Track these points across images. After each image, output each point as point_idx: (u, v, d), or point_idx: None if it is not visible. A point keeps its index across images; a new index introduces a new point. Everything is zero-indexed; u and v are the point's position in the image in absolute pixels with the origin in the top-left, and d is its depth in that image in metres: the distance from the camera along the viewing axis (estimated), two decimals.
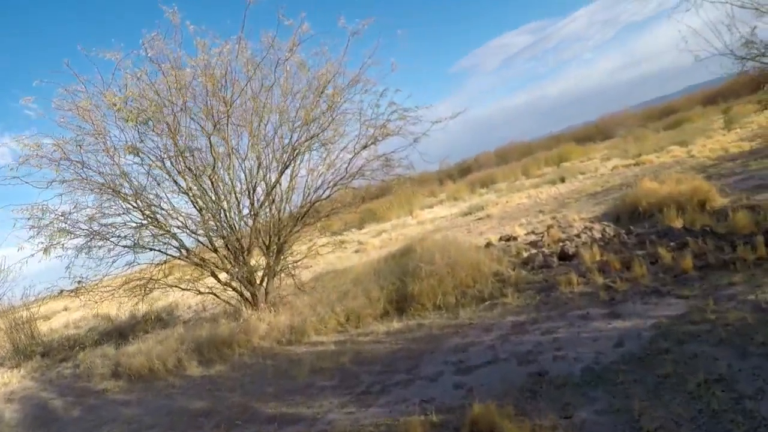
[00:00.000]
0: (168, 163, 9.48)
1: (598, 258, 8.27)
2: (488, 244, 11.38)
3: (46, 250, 9.08)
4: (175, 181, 9.66)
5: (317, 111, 9.98)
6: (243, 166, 10.07)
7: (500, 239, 11.94)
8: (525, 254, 9.87)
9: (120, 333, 12.83)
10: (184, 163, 9.40)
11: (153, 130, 9.08)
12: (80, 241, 9.44)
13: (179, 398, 7.72)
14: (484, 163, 37.05)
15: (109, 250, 9.64)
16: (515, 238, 11.66)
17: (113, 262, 9.70)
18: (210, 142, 9.42)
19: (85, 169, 9.17)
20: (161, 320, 13.45)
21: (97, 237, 9.42)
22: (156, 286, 10.11)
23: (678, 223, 8.97)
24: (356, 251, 17.31)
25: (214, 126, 9.32)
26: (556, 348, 5.53)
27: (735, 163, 14.09)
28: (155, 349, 9.47)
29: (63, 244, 9.27)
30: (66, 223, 9.24)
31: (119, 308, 11.96)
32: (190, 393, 7.80)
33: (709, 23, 10.35)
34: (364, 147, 10.43)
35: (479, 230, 14.65)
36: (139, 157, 9.19)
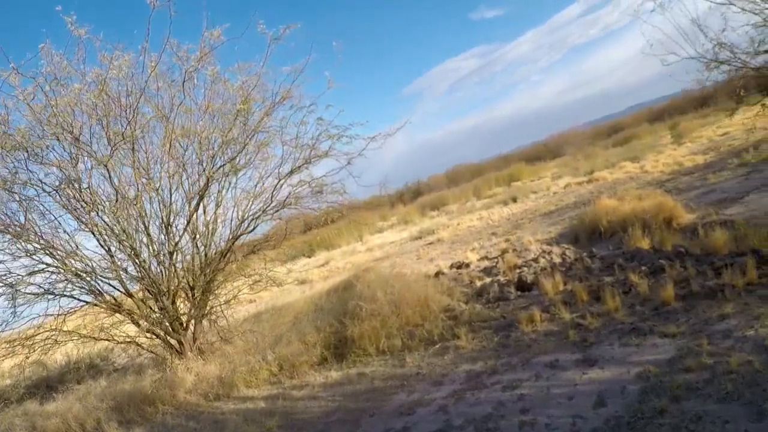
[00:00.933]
0: (59, 197, 8.10)
1: (561, 287, 7.27)
2: (438, 273, 10.29)
3: None
4: (78, 218, 8.28)
5: (235, 131, 8.73)
6: (154, 198, 8.70)
7: (451, 266, 10.89)
8: (479, 283, 8.83)
9: (48, 384, 11.24)
10: (80, 195, 8.02)
11: (31, 159, 7.68)
12: None
13: None
14: (435, 185, 36.20)
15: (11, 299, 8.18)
16: (467, 265, 10.62)
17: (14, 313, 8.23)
18: (108, 171, 8.07)
19: None
20: (94, 367, 11.91)
21: None
22: (64, 338, 8.60)
23: (645, 244, 8.10)
24: (301, 282, 16.13)
25: (111, 151, 7.93)
26: (521, 410, 4.41)
27: (692, 176, 13.45)
28: (74, 407, 8.11)
29: None
30: None
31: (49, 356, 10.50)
32: None
33: (677, 28, 9.68)
34: (291, 172, 9.22)
35: (429, 256, 13.61)
36: (11, 192, 7.78)
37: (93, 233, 8.44)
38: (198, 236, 9.05)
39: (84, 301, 8.78)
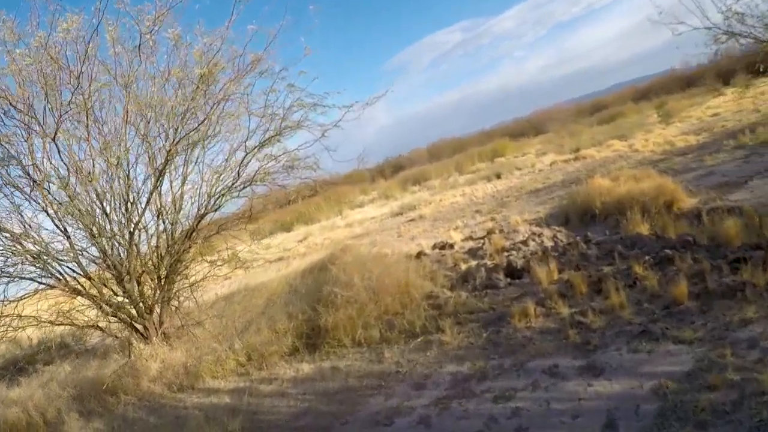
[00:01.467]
0: (5, 174, 7.28)
1: (556, 276, 6.63)
2: (420, 254, 9.62)
3: None
4: (28, 197, 7.48)
5: (199, 99, 7.86)
6: (112, 173, 7.83)
7: (434, 247, 10.24)
8: (464, 267, 8.20)
9: (17, 365, 10.54)
10: (26, 172, 7.21)
11: None
12: None
13: None
14: (417, 159, 35.31)
15: None
16: (451, 246, 9.97)
17: None
18: (56, 145, 7.23)
19: None
20: (66, 347, 11.22)
21: None
22: (22, 323, 7.85)
23: (644, 229, 7.50)
24: (278, 259, 15.53)
25: (58, 123, 7.03)
26: (517, 429, 3.78)
27: (686, 157, 12.86)
28: (36, 395, 7.60)
29: None
30: None
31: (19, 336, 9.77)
32: None
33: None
34: (261, 145, 8.41)
35: (411, 234, 12.95)
36: None
37: (46, 212, 7.67)
38: (163, 214, 8.27)
39: (44, 284, 8.06)
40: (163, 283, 8.38)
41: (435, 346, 5.73)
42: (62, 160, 7.53)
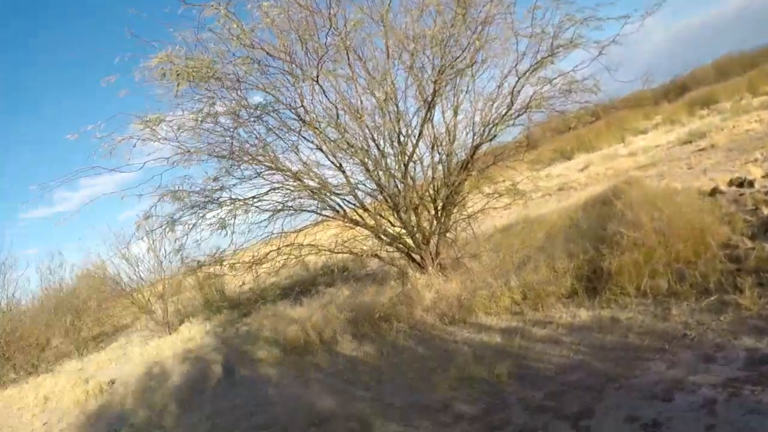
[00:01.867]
0: (277, 117, 8.22)
1: None
2: (714, 191, 8.45)
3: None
4: (301, 137, 8.40)
5: (459, 26, 7.72)
6: (380, 109, 8.27)
7: (730, 183, 8.89)
8: (766, 211, 7.03)
9: (302, 287, 12.37)
10: (296, 114, 8.00)
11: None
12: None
13: (314, 387, 6.86)
14: (702, 79, 30.66)
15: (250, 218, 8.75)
16: (751, 183, 8.53)
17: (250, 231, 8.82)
18: (320, 85, 7.81)
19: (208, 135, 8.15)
20: (347, 270, 12.90)
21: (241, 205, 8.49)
22: (304, 252, 9.00)
23: None
24: (559, 189, 15.10)
25: (318, 66, 7.50)
26: None
27: None
28: (315, 315, 8.85)
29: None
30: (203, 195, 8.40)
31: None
32: (327, 382, 6.90)
33: None
34: (532, 68, 8.04)
35: (702, 166, 11.46)
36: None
37: (321, 150, 8.43)
38: (437, 146, 8.57)
39: (323, 216, 9.04)
40: (439, 215, 8.77)
41: (731, 309, 5.02)
42: (329, 100, 8.12)
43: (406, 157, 8.40)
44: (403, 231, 8.72)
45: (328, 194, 8.56)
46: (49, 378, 13.12)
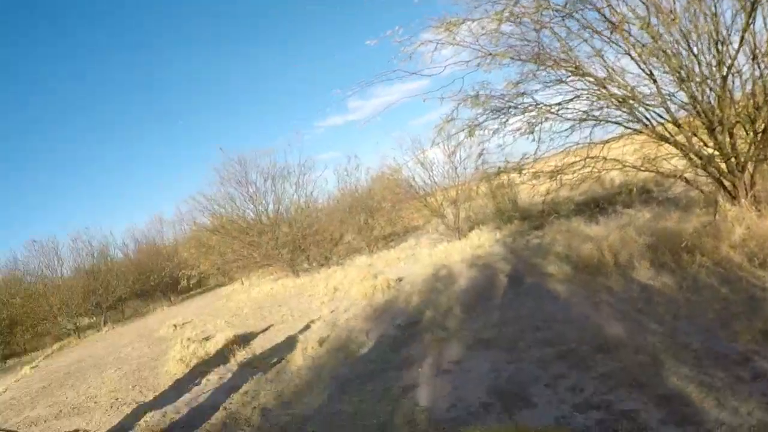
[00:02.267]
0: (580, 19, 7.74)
1: None
2: None
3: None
4: (609, 40, 7.76)
5: None
6: (697, 11, 7.19)
7: None
8: None
9: (598, 204, 12.13)
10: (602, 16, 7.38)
11: None
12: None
13: (604, 311, 6.67)
14: None
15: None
16: None
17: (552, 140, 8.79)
18: None
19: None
20: (647, 192, 12.07)
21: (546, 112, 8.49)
22: (607, 166, 8.70)
23: None
24: None
25: None
26: None
27: None
28: (611, 236, 8.48)
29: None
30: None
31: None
32: (618, 307, 6.67)
33: None
34: None
35: None
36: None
37: (629, 55, 7.83)
38: (758, 57, 7.32)
39: (629, 128, 8.51)
40: (759, 138, 7.62)
41: None
42: (640, 0, 7.41)
43: (725, 68, 7.35)
44: (717, 153, 7.80)
45: (636, 105, 8.02)
46: (339, 270, 14.83)
